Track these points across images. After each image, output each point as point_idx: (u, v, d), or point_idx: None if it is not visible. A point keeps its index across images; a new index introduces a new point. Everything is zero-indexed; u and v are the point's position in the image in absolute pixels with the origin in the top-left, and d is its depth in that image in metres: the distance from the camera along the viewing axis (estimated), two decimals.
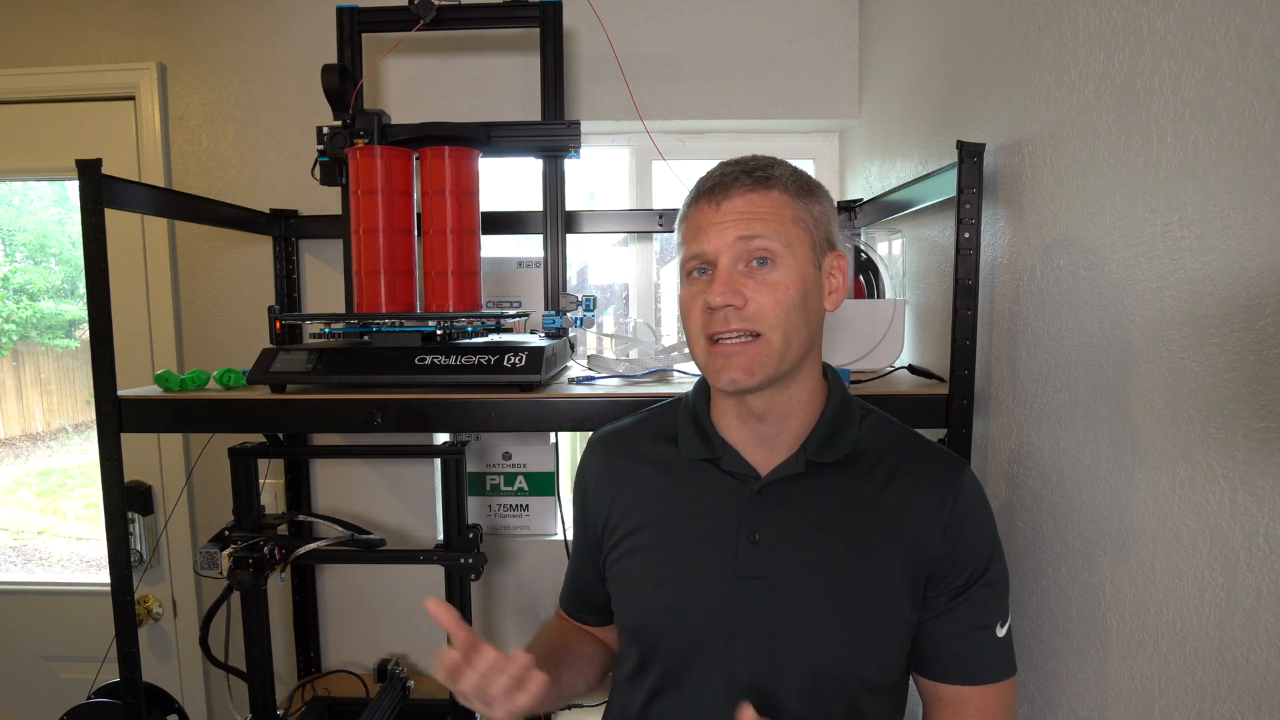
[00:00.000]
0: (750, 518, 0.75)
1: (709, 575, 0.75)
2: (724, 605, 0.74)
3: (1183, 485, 0.65)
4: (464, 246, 1.19)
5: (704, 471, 0.79)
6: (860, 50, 1.59)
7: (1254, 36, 0.57)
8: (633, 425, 0.87)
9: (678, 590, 0.76)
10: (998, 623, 0.74)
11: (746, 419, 0.77)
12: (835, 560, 0.73)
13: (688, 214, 0.76)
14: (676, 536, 0.77)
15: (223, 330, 1.68)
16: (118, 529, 1.06)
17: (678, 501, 0.79)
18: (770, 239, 0.70)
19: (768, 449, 0.77)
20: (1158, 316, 0.68)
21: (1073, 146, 0.81)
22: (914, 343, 1.30)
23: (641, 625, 0.78)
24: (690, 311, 0.74)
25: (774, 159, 0.76)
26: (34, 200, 1.86)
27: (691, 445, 0.79)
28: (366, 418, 1.03)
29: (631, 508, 0.81)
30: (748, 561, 0.74)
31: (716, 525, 0.76)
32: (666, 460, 0.81)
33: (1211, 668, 0.62)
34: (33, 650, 1.81)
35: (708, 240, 0.72)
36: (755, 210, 0.71)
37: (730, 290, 0.70)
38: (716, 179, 0.73)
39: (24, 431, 1.92)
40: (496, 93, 1.62)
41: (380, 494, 1.70)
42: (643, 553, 0.78)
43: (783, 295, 0.70)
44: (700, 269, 0.73)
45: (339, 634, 1.74)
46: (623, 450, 0.85)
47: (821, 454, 0.75)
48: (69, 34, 1.64)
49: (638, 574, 0.79)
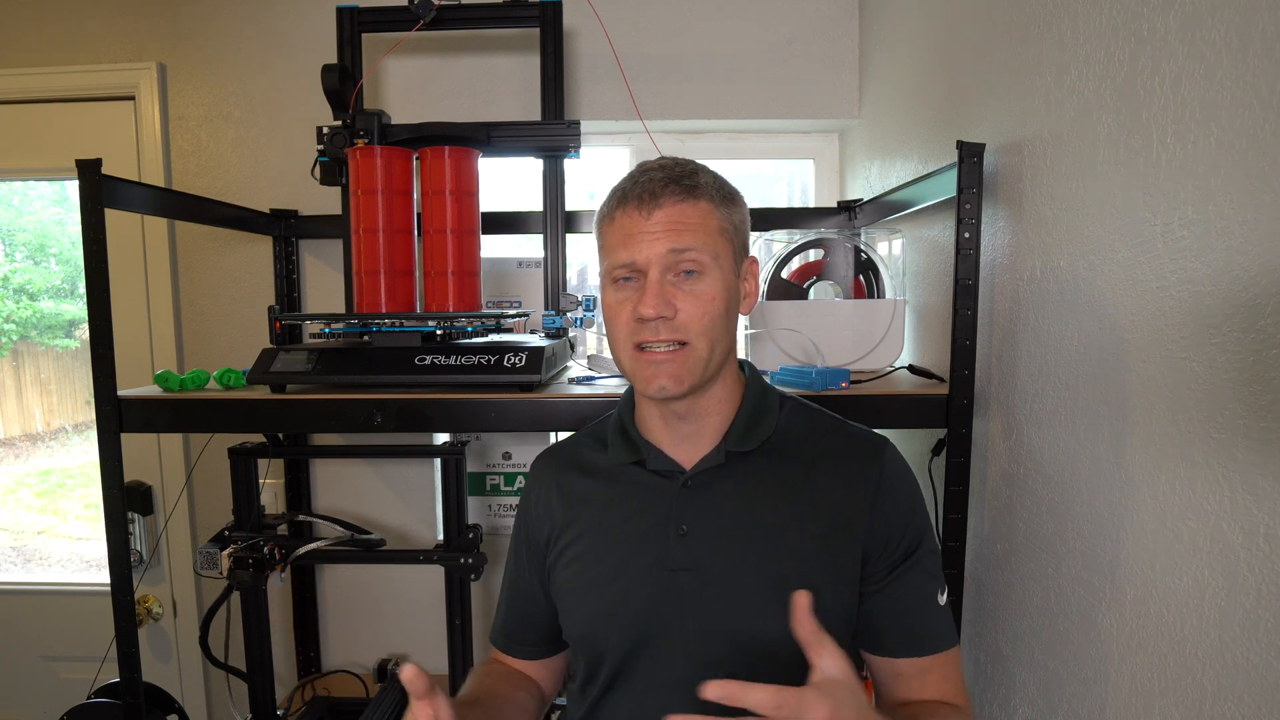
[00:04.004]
0: (677, 512, 0.77)
1: (644, 572, 0.76)
2: (660, 599, 0.75)
3: (1183, 485, 0.65)
4: (464, 246, 1.19)
5: (634, 474, 0.81)
6: (860, 50, 1.59)
7: (1254, 36, 0.57)
8: (571, 441, 0.90)
9: (617, 589, 0.77)
10: (939, 591, 0.77)
11: (669, 419, 0.79)
12: (765, 545, 0.75)
13: (613, 217, 0.75)
14: (613, 539, 0.79)
15: (223, 330, 1.68)
16: (118, 529, 1.06)
17: (611, 506, 0.81)
18: (700, 251, 0.72)
19: (690, 445, 0.79)
20: (1158, 316, 0.68)
21: (1073, 146, 0.81)
22: (914, 343, 1.30)
23: (586, 629, 0.79)
24: (617, 318, 0.75)
25: (695, 164, 0.76)
26: (34, 200, 1.86)
27: (619, 451, 0.82)
28: (366, 418, 1.03)
29: (572, 518, 0.83)
30: (678, 555, 0.76)
31: (648, 523, 0.78)
32: (601, 469, 0.84)
33: (1211, 668, 0.62)
34: (33, 650, 1.81)
35: (637, 249, 0.72)
36: (685, 221, 0.72)
37: (662, 301, 0.71)
38: (645, 185, 0.73)
39: (24, 431, 1.91)
40: (496, 93, 1.62)
41: (380, 494, 1.70)
42: (583, 559, 0.80)
43: (710, 306, 0.72)
44: (627, 276, 0.74)
45: (339, 634, 1.74)
46: (561, 465, 0.87)
47: (741, 443, 0.78)
48: (69, 34, 1.64)
49: (579, 579, 0.80)
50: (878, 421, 1.10)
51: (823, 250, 1.28)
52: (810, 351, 1.17)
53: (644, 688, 0.76)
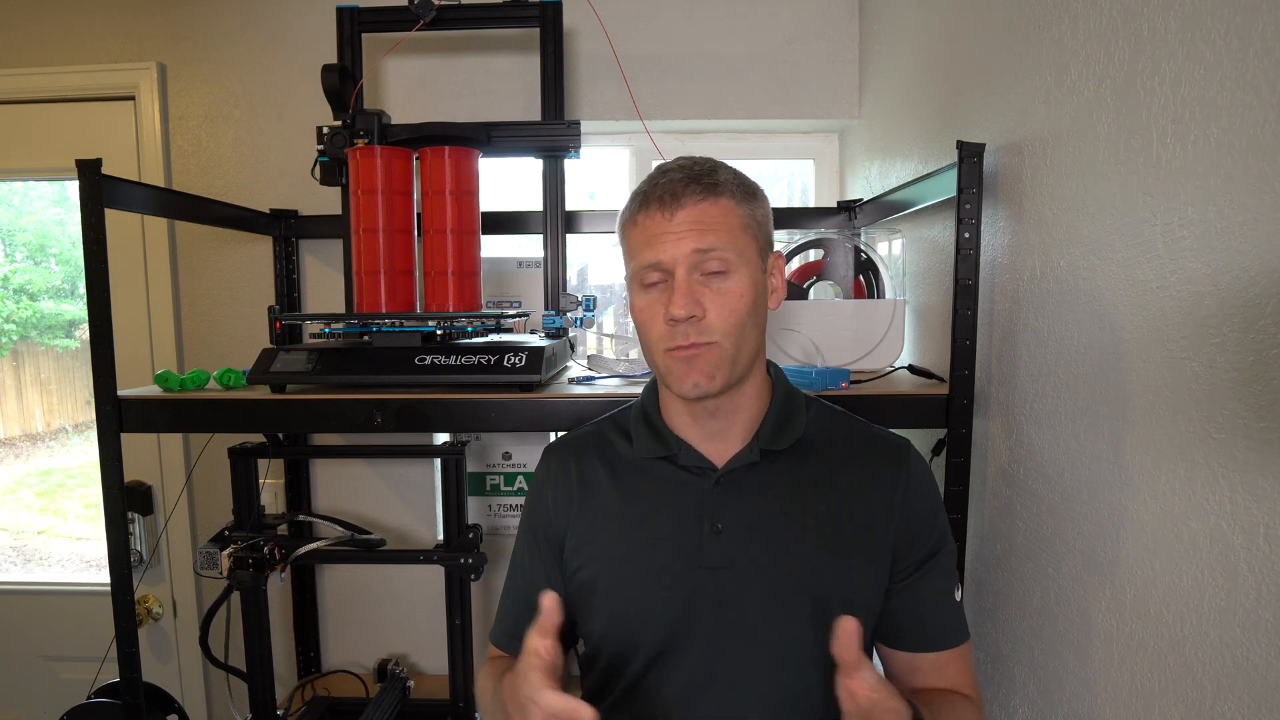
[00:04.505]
0: (711, 509, 0.77)
1: (676, 570, 0.76)
2: (693, 597, 0.75)
3: (1183, 485, 0.65)
4: (464, 246, 1.19)
5: (661, 469, 0.80)
6: (860, 50, 1.59)
7: (1254, 36, 0.57)
8: (587, 433, 0.88)
9: (650, 587, 0.76)
10: (955, 588, 0.80)
11: (699, 416, 0.79)
12: (797, 544, 0.75)
13: (635, 220, 0.75)
14: (642, 534, 0.78)
15: (223, 330, 1.68)
16: (118, 529, 1.06)
17: (638, 500, 0.80)
18: (725, 250, 0.72)
19: (721, 442, 0.79)
20: (1158, 316, 0.68)
21: (1073, 146, 0.81)
22: (914, 343, 1.30)
23: (612, 628, 0.78)
24: (651, 321, 0.74)
25: (714, 161, 0.76)
26: (34, 200, 1.86)
27: (646, 445, 0.81)
28: (366, 418, 1.03)
29: (593, 513, 0.81)
30: (713, 552, 0.75)
31: (679, 520, 0.77)
32: (623, 462, 0.82)
33: (1211, 668, 0.62)
34: (33, 650, 1.81)
35: (663, 250, 0.72)
36: (708, 220, 0.72)
37: (692, 301, 0.71)
38: (665, 186, 0.73)
39: (24, 431, 1.91)
40: (496, 93, 1.62)
41: (380, 494, 1.70)
42: (608, 556, 0.79)
43: (738, 304, 0.72)
44: (655, 280, 0.74)
45: (339, 634, 1.74)
46: (584, 454, 0.85)
47: (774, 442, 0.78)
48: (69, 34, 1.64)
49: (607, 576, 0.79)
50: (878, 421, 1.10)
51: (823, 250, 1.28)
52: (810, 351, 1.17)
53: (674, 684, 0.76)
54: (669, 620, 0.75)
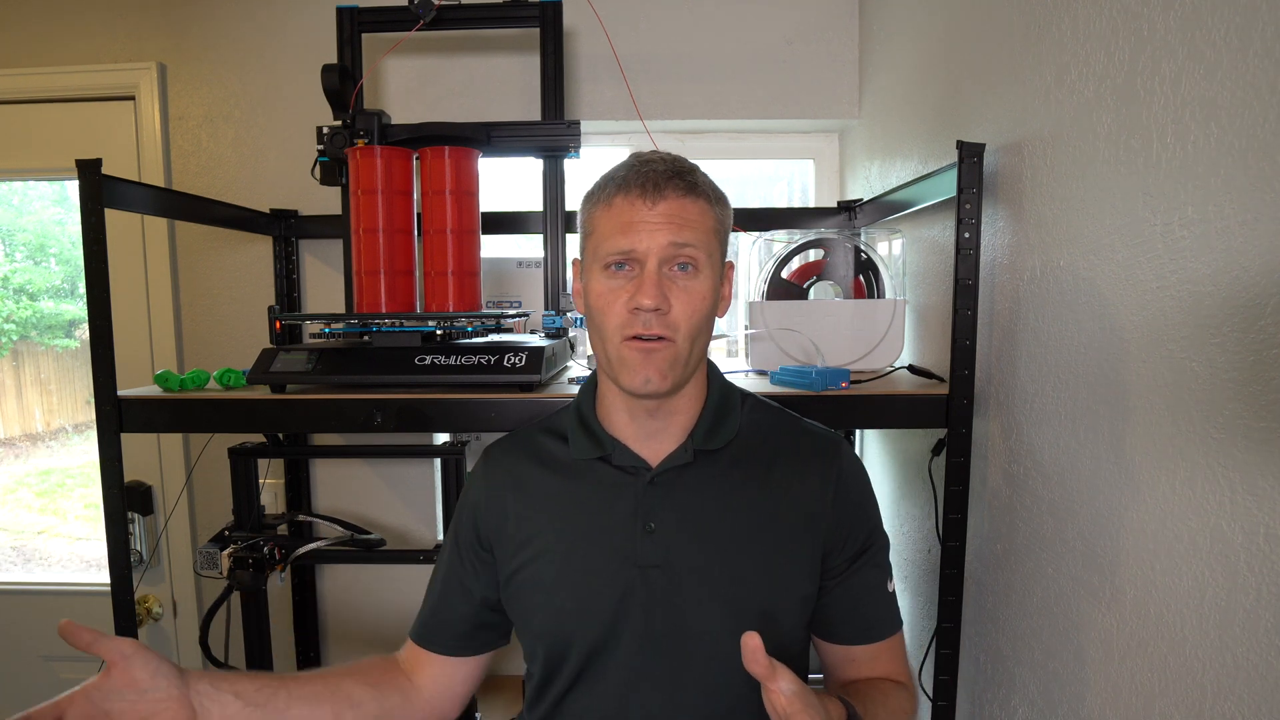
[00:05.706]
0: (645, 509, 0.77)
1: (611, 569, 0.76)
2: (628, 596, 0.76)
3: (1183, 485, 0.65)
4: (464, 246, 1.19)
5: (597, 470, 0.80)
6: (860, 50, 1.59)
7: (1254, 36, 0.57)
8: (525, 433, 0.88)
9: (585, 586, 0.77)
10: (888, 580, 0.82)
11: (637, 414, 0.79)
12: (729, 543, 0.76)
13: (611, 202, 0.73)
14: (578, 535, 0.78)
15: (223, 330, 1.68)
16: (118, 529, 1.06)
17: (574, 502, 0.80)
18: (698, 248, 0.72)
19: (657, 442, 0.79)
20: (1158, 316, 0.68)
21: (1073, 146, 0.81)
22: (914, 343, 1.30)
23: (552, 625, 0.78)
24: (610, 308, 0.72)
25: (689, 162, 0.76)
26: (34, 200, 1.86)
27: (581, 446, 0.81)
28: (366, 418, 1.03)
29: (532, 514, 0.81)
30: (646, 551, 0.76)
31: (614, 520, 0.78)
32: (559, 464, 0.82)
33: (1211, 668, 0.62)
34: (33, 650, 1.81)
35: (638, 238, 0.71)
36: (686, 216, 0.72)
37: (660, 294, 0.70)
38: (648, 175, 0.72)
39: (24, 431, 1.91)
40: (496, 93, 1.62)
41: (380, 494, 1.70)
42: (545, 557, 0.79)
43: (700, 304, 0.73)
44: (620, 264, 0.73)
45: (339, 634, 1.74)
46: (519, 458, 0.85)
47: (708, 442, 0.79)
48: (69, 34, 1.64)
49: (545, 576, 0.79)
50: (878, 421, 1.10)
51: (823, 250, 1.28)
52: (810, 351, 1.17)
53: (608, 682, 0.76)
54: (604, 618, 0.76)
